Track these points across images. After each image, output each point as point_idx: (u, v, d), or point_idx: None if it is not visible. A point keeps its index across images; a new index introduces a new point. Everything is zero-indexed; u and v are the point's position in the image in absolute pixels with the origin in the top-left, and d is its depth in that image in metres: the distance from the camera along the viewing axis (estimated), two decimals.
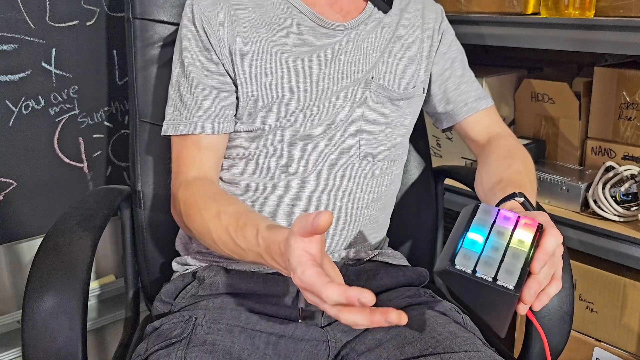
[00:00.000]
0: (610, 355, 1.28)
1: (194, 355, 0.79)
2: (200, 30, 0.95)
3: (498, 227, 0.70)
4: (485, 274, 0.66)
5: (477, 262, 0.67)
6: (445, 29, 1.08)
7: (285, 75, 0.95)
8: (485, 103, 1.09)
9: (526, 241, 0.69)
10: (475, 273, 0.66)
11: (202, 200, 0.90)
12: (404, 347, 0.86)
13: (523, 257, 0.67)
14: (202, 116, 0.96)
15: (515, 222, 0.71)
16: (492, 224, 0.70)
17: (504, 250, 0.68)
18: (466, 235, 0.69)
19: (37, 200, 1.30)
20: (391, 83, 1.01)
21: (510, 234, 0.69)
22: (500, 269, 0.66)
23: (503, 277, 0.66)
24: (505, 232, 0.69)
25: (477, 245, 0.68)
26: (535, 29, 1.25)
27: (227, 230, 0.83)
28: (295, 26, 0.97)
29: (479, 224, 0.70)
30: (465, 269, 0.66)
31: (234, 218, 0.84)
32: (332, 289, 0.64)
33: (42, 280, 0.80)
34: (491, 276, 0.66)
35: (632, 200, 1.25)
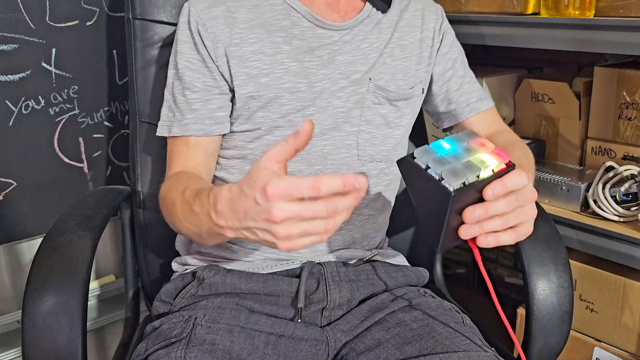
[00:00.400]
0: (610, 355, 1.28)
1: (193, 355, 0.79)
2: (195, 33, 0.95)
3: (469, 146, 0.72)
4: (435, 171, 0.68)
5: (432, 160, 0.69)
6: (445, 29, 1.08)
7: (283, 76, 0.95)
8: (487, 104, 1.09)
9: (487, 163, 0.70)
10: (427, 169, 0.69)
11: (174, 185, 0.89)
12: (403, 346, 0.86)
13: (476, 172, 0.68)
14: (192, 118, 0.96)
15: (490, 150, 0.72)
16: (467, 143, 0.72)
17: (463, 162, 0.69)
18: (438, 140, 0.72)
19: (37, 200, 1.30)
20: (389, 84, 1.01)
21: (478, 154, 0.71)
22: (448, 170, 0.68)
23: (448, 178, 0.67)
24: (473, 150, 0.71)
25: (442, 149, 0.71)
26: (535, 29, 1.25)
27: (188, 201, 0.80)
28: (293, 27, 0.97)
29: (456, 138, 0.73)
30: (420, 163, 0.69)
31: (194, 190, 0.80)
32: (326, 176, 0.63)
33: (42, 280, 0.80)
34: (438, 174, 0.68)
35: (632, 200, 1.25)
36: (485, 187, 0.69)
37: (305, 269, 0.95)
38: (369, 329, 0.92)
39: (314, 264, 0.96)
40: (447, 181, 0.67)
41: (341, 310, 0.94)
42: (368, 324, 0.92)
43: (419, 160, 0.70)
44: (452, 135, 0.73)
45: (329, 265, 0.96)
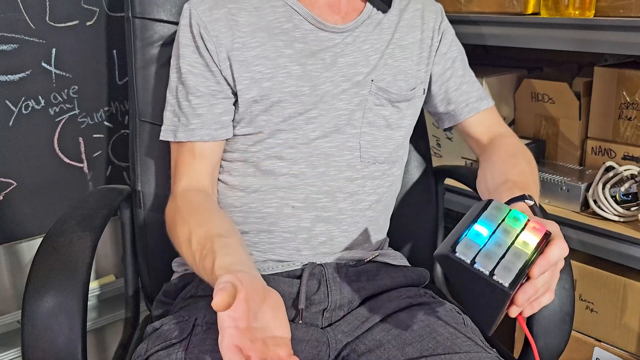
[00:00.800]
0: (610, 355, 1.28)
1: (193, 355, 0.79)
2: (197, 37, 0.95)
3: (506, 225, 0.70)
4: (484, 266, 0.66)
5: (478, 254, 0.67)
6: (445, 28, 1.08)
7: (286, 80, 0.95)
8: (487, 103, 1.09)
9: (530, 244, 0.69)
10: (473, 264, 0.66)
11: (179, 217, 0.90)
12: (404, 347, 0.86)
13: (524, 259, 0.67)
14: (198, 123, 0.95)
15: (524, 224, 0.70)
16: (501, 221, 0.70)
17: (507, 248, 0.68)
18: (472, 227, 0.69)
19: (37, 200, 1.30)
20: (391, 85, 1.00)
21: (517, 234, 0.69)
22: (499, 265, 0.66)
23: (500, 273, 0.66)
24: (512, 232, 0.69)
25: (481, 238, 0.68)
26: (535, 29, 1.25)
27: (194, 257, 0.83)
28: (295, 30, 0.96)
29: (487, 218, 0.70)
30: (465, 258, 0.66)
31: (200, 245, 0.82)
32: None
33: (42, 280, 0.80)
34: (489, 270, 0.66)
35: (632, 200, 1.25)
36: (532, 267, 0.68)
37: (306, 270, 0.94)
38: (370, 329, 0.91)
39: (315, 265, 0.96)
40: (499, 277, 0.66)
41: (342, 311, 0.94)
42: (369, 325, 0.92)
43: (462, 255, 0.67)
44: (483, 215, 0.70)
45: (330, 267, 0.96)
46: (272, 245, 0.97)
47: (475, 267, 0.66)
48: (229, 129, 0.98)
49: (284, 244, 0.97)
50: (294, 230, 0.97)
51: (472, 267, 0.66)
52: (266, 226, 0.97)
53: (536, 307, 0.72)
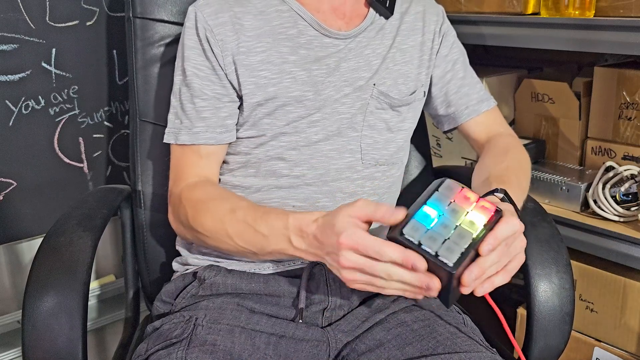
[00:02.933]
0: (610, 355, 1.28)
1: (194, 355, 0.79)
2: (203, 40, 0.94)
3: (454, 205, 0.72)
4: (429, 247, 0.69)
5: (423, 236, 0.70)
6: (446, 30, 1.08)
7: (291, 85, 0.95)
8: (487, 105, 1.09)
9: (477, 224, 0.71)
10: (420, 245, 0.70)
11: (211, 201, 0.91)
12: (405, 347, 0.86)
13: (469, 238, 0.70)
14: (203, 127, 0.95)
15: (474, 204, 0.72)
16: (451, 202, 0.72)
17: (453, 229, 0.70)
18: (422, 208, 0.71)
19: (37, 200, 1.30)
20: (391, 89, 1.00)
21: (465, 214, 0.71)
22: (443, 246, 0.69)
23: (444, 254, 0.69)
24: (460, 212, 0.71)
25: (429, 220, 0.71)
26: (535, 29, 1.25)
27: (246, 221, 0.85)
28: (300, 36, 0.96)
29: (437, 199, 0.72)
30: (412, 240, 0.70)
31: (252, 210, 0.86)
32: (393, 247, 0.70)
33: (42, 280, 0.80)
34: (434, 250, 0.69)
35: (632, 200, 1.25)
36: (480, 244, 0.70)
37: (306, 270, 0.94)
38: (370, 329, 0.91)
39: (315, 264, 0.96)
40: (443, 257, 0.69)
41: (342, 311, 0.94)
42: (369, 325, 0.92)
43: (409, 237, 0.70)
44: (432, 197, 0.72)
45: None
46: None
47: (422, 248, 0.69)
48: (233, 132, 0.98)
49: None
50: None
51: (419, 248, 0.70)
52: None
53: (488, 287, 0.73)
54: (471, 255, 0.70)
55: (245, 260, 0.96)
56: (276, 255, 0.85)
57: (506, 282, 0.75)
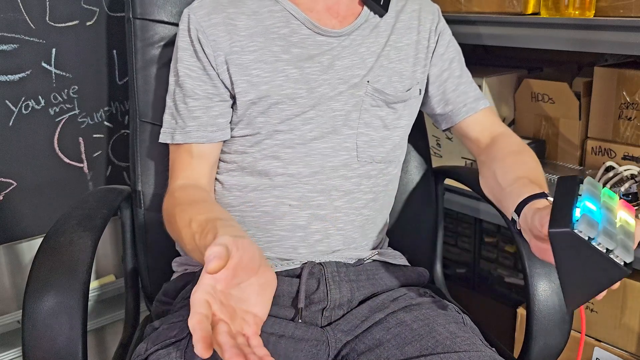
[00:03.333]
0: (610, 355, 1.28)
1: (193, 355, 0.79)
2: (195, 41, 0.95)
3: (606, 201, 0.69)
4: (605, 245, 0.65)
5: (599, 232, 0.65)
6: (442, 29, 1.08)
7: (284, 83, 0.95)
8: (484, 103, 1.09)
9: (631, 223, 0.69)
10: (592, 240, 0.65)
11: (179, 208, 0.89)
12: (404, 347, 0.86)
13: (632, 237, 0.67)
14: (195, 126, 0.96)
15: (617, 202, 0.70)
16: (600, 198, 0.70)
17: (617, 227, 0.67)
18: (583, 202, 0.68)
19: (37, 200, 1.30)
20: (386, 86, 1.01)
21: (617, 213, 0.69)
22: (619, 244, 0.65)
23: (620, 253, 0.65)
24: (613, 208, 0.69)
25: (595, 215, 0.67)
26: (535, 29, 1.25)
27: (194, 238, 0.81)
28: (292, 35, 0.97)
29: (590, 195, 0.69)
30: (587, 235, 0.65)
31: (202, 226, 0.80)
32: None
33: (42, 280, 0.80)
34: (607, 248, 0.65)
35: (632, 200, 1.25)
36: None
37: (305, 269, 0.95)
38: (369, 329, 0.92)
39: (314, 264, 0.96)
40: (618, 255, 0.65)
41: (342, 310, 0.94)
42: (368, 324, 0.92)
43: (584, 232, 0.65)
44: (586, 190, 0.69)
45: (330, 266, 0.96)
46: (270, 243, 0.98)
47: (593, 245, 0.65)
48: (226, 131, 0.98)
49: (280, 242, 0.98)
50: (290, 228, 0.97)
51: (592, 245, 0.65)
52: (263, 224, 0.98)
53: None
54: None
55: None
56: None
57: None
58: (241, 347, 0.62)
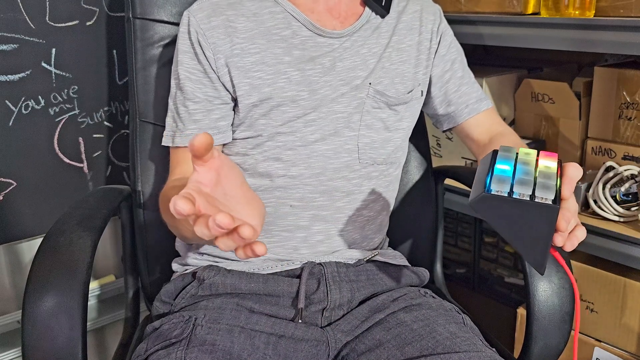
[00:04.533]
0: (610, 355, 1.28)
1: (193, 355, 0.79)
2: (195, 44, 0.95)
3: (522, 158, 0.70)
4: (523, 192, 0.65)
5: (513, 184, 0.66)
6: (443, 30, 1.08)
7: (285, 85, 0.95)
8: (486, 104, 1.09)
9: (551, 166, 0.69)
10: (512, 194, 0.65)
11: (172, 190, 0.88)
12: (404, 347, 0.86)
13: (554, 177, 0.67)
14: (195, 129, 0.96)
15: (536, 154, 0.71)
16: (516, 157, 0.70)
17: (534, 172, 0.68)
18: (495, 167, 0.69)
19: (37, 200, 1.30)
20: (388, 88, 1.00)
21: (536, 161, 0.70)
22: (537, 186, 0.66)
23: (541, 193, 0.65)
24: (530, 161, 0.69)
25: (508, 172, 0.68)
26: (535, 29, 1.25)
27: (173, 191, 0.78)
28: (294, 36, 0.97)
29: (504, 158, 0.70)
30: (502, 192, 0.66)
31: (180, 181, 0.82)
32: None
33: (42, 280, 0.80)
34: (528, 194, 0.65)
35: (632, 200, 1.25)
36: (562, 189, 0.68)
37: (305, 270, 0.95)
38: (369, 329, 0.92)
39: (314, 264, 0.96)
40: (541, 196, 0.65)
41: (342, 311, 0.94)
42: (369, 325, 0.92)
43: (498, 190, 0.66)
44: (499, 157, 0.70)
45: (330, 266, 0.96)
46: (271, 244, 0.98)
47: (514, 197, 0.65)
48: (227, 134, 0.98)
49: (282, 243, 0.98)
50: (292, 229, 0.97)
51: (512, 198, 0.65)
52: (264, 225, 0.98)
53: (575, 242, 0.71)
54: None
55: (243, 260, 0.97)
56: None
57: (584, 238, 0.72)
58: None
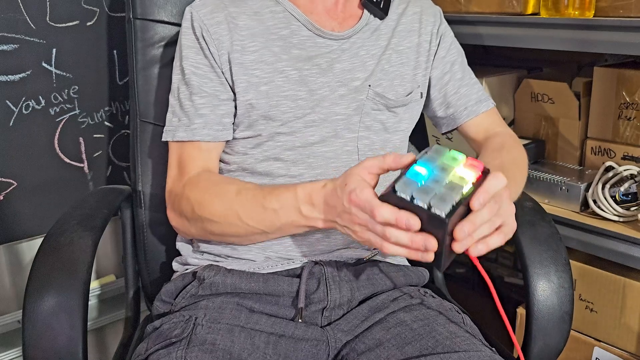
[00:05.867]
0: (610, 355, 1.28)
1: (194, 355, 0.79)
2: (200, 38, 0.95)
3: (443, 164, 0.73)
4: (422, 200, 0.70)
5: (415, 190, 0.70)
6: (443, 32, 1.08)
7: (283, 84, 0.95)
8: (486, 105, 1.09)
9: (467, 178, 0.72)
10: (412, 200, 0.70)
11: (217, 186, 0.92)
12: (404, 347, 0.86)
13: (459, 190, 0.70)
14: (201, 123, 0.96)
15: (462, 162, 0.74)
16: (440, 161, 0.73)
17: (444, 184, 0.71)
18: (412, 167, 0.72)
19: (37, 200, 1.30)
20: (387, 90, 1.01)
21: (454, 171, 0.72)
22: (435, 197, 0.69)
23: (436, 204, 0.69)
24: (449, 169, 0.72)
25: (420, 177, 0.72)
26: (535, 29, 1.25)
27: (255, 199, 0.86)
28: (293, 36, 0.97)
29: (427, 159, 0.73)
30: (405, 195, 0.71)
31: (258, 189, 0.88)
32: (386, 208, 0.71)
33: (42, 280, 0.80)
34: (426, 203, 0.69)
35: (631, 200, 1.25)
36: (471, 199, 0.71)
37: (305, 269, 0.95)
38: (369, 329, 0.92)
39: (314, 263, 0.96)
40: (436, 208, 0.69)
41: (342, 310, 0.94)
42: (368, 324, 0.92)
43: (401, 193, 0.71)
44: (423, 157, 0.74)
45: (330, 265, 0.96)
46: (271, 242, 0.98)
47: (414, 203, 0.70)
48: (230, 131, 0.98)
49: (281, 241, 0.98)
50: None
51: (412, 203, 0.70)
52: None
53: (482, 248, 0.73)
54: (462, 211, 0.71)
55: (244, 259, 0.97)
56: (287, 229, 0.87)
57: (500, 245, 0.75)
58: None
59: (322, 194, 0.82)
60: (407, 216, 0.70)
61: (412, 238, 0.71)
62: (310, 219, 0.84)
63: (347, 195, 0.76)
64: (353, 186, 0.76)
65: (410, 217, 0.70)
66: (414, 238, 0.71)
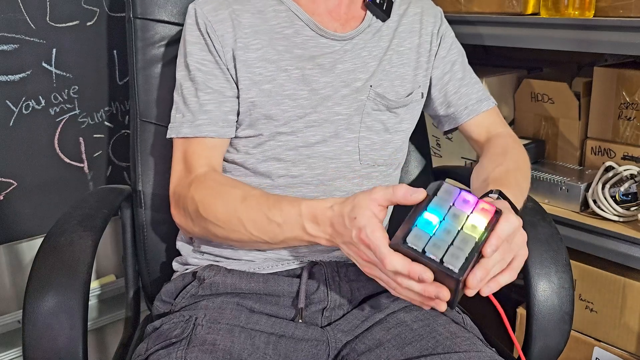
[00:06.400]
0: (610, 355, 1.28)
1: (194, 355, 0.79)
2: (205, 35, 0.95)
3: (455, 210, 0.72)
4: (434, 255, 0.69)
5: (427, 243, 0.70)
6: (444, 32, 1.08)
7: (285, 83, 0.95)
8: (487, 105, 1.09)
9: (479, 227, 0.71)
10: (424, 253, 0.70)
11: (222, 189, 0.91)
12: (404, 347, 0.86)
13: (472, 243, 0.69)
14: (206, 119, 0.96)
15: (473, 206, 0.72)
16: (451, 206, 0.72)
17: (456, 234, 0.70)
18: (423, 215, 0.71)
19: (37, 200, 1.30)
20: (388, 91, 1.01)
21: (466, 218, 0.71)
22: (448, 252, 0.69)
23: (449, 260, 0.68)
24: (461, 216, 0.71)
25: (431, 227, 0.71)
26: (535, 29, 1.25)
27: (260, 209, 0.85)
28: (296, 35, 0.97)
29: (437, 204, 0.72)
30: (416, 248, 0.70)
31: (264, 198, 0.87)
32: (398, 259, 0.70)
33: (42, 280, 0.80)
34: (439, 258, 0.69)
35: (631, 200, 1.25)
36: (483, 246, 0.70)
37: (305, 269, 0.95)
38: (369, 329, 0.92)
39: (314, 264, 0.96)
40: (448, 263, 0.68)
41: (342, 311, 0.94)
42: (369, 324, 0.92)
43: (413, 245, 0.70)
44: (432, 202, 0.72)
45: (330, 266, 0.96)
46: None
47: (426, 256, 0.69)
48: (234, 128, 0.98)
49: None
50: None
51: (423, 256, 0.70)
52: None
53: (493, 287, 0.73)
54: (475, 258, 0.70)
55: (244, 260, 0.97)
56: (290, 242, 0.86)
57: (512, 280, 0.75)
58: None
59: (329, 216, 0.80)
60: (421, 270, 0.69)
61: (425, 288, 0.71)
62: (314, 237, 0.82)
63: (356, 231, 0.75)
64: (363, 223, 0.74)
65: (424, 272, 0.69)
66: (426, 288, 0.71)
